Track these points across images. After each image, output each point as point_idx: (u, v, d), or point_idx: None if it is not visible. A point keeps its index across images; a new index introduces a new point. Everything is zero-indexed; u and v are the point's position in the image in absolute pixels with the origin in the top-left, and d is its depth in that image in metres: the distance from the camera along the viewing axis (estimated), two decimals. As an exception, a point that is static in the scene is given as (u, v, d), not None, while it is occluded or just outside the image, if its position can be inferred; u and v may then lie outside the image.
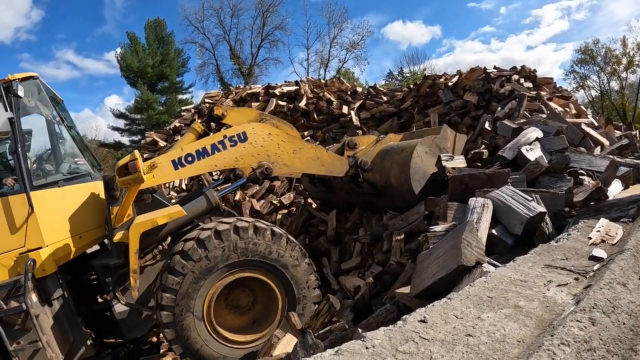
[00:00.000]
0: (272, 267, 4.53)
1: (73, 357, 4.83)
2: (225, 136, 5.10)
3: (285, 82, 13.22)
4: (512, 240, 3.65)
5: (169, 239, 4.95)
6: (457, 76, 10.82)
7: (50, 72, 77.37)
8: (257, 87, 12.87)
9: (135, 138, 39.49)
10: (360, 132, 11.11)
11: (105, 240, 5.67)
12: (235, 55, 44.92)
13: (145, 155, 10.46)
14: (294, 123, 11.66)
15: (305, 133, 11.55)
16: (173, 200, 6.19)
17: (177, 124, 11.68)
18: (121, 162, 4.52)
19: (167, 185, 9.23)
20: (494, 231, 3.66)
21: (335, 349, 1.84)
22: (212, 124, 6.00)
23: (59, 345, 4.58)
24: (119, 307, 4.72)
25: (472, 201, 3.87)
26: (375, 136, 6.57)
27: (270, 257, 4.49)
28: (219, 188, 6.31)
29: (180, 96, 41.87)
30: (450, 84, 10.44)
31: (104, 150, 43.93)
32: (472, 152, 6.41)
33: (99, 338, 5.19)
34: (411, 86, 12.18)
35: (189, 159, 4.93)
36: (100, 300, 5.27)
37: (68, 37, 73.28)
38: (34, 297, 4.43)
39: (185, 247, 4.32)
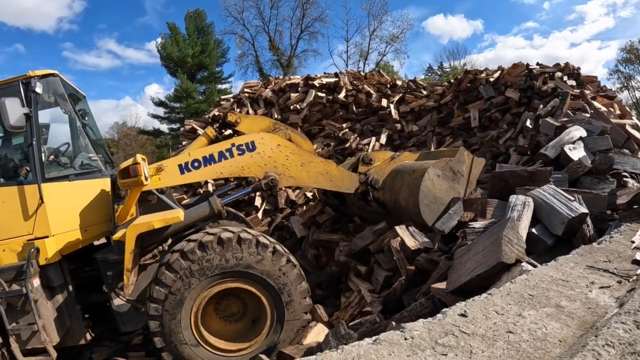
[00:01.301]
0: (257, 278, 4.42)
1: (68, 343, 5.02)
2: (233, 144, 5.09)
3: (325, 73, 13.13)
4: (552, 241, 3.57)
5: (170, 240, 5.04)
6: (499, 72, 10.60)
7: (92, 60, 79.71)
8: (297, 78, 12.82)
9: (174, 126, 40.17)
10: (398, 125, 11.00)
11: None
12: (274, 47, 45.01)
13: (184, 143, 10.71)
14: (332, 115, 11.67)
15: (344, 125, 11.51)
16: (185, 201, 6.30)
17: (216, 113, 11.77)
18: (123, 165, 4.61)
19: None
20: (533, 230, 3.59)
21: (373, 338, 1.85)
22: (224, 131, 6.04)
23: (56, 330, 4.77)
24: (118, 301, 4.77)
25: (512, 198, 3.80)
26: (391, 153, 6.36)
27: (254, 267, 4.39)
28: (229, 192, 6.36)
29: (219, 86, 42.28)
30: (491, 79, 10.23)
31: (143, 137, 44.97)
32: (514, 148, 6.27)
33: (96, 328, 5.37)
34: (452, 81, 11.99)
35: (196, 164, 5.00)
36: (101, 292, 5.40)
37: (109, 27, 75.08)
38: (35, 283, 4.63)
39: (170, 259, 4.34)
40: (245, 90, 12.58)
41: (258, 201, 9.42)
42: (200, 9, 41.97)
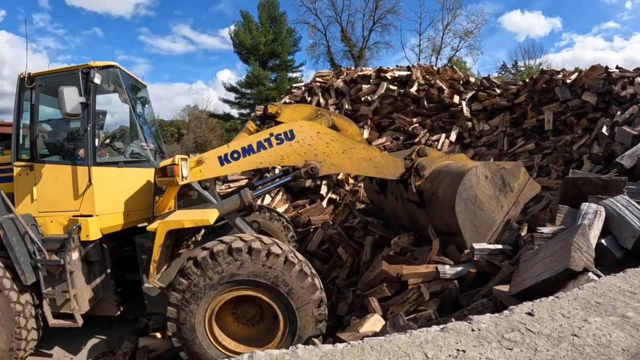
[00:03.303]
0: (269, 287, 4.40)
1: (99, 312, 5.55)
2: (271, 134, 5.10)
3: (397, 66, 13.07)
4: (621, 254, 3.49)
5: (203, 231, 5.21)
6: (576, 73, 10.22)
7: (167, 45, 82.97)
8: (369, 70, 12.82)
9: (244, 111, 41.28)
10: (469, 123, 10.83)
11: None
12: (346, 37, 45.02)
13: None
14: (403, 108, 11.62)
15: (414, 120, 11.44)
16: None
17: (287, 100, 12.03)
18: (163, 164, 4.91)
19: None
20: (603, 241, 3.54)
21: (441, 326, 1.98)
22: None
23: (87, 300, 5.27)
24: (148, 283, 4.99)
25: (584, 206, 3.76)
26: (448, 155, 6.10)
27: (265, 277, 4.37)
28: (270, 183, 6.46)
29: (290, 74, 42.97)
30: (568, 81, 9.89)
31: (213, 121, 46.51)
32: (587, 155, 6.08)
33: (125, 303, 5.85)
34: (527, 80, 11.65)
35: (235, 155, 5.09)
36: (135, 271, 5.74)
37: (185, 13, 77.94)
38: (74, 256, 5.10)
39: (185, 266, 4.49)
40: (317, 79, 12.75)
41: (324, 189, 9.59)
42: (274, -2, 42.66)
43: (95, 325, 6.08)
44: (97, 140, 5.36)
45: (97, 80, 5.23)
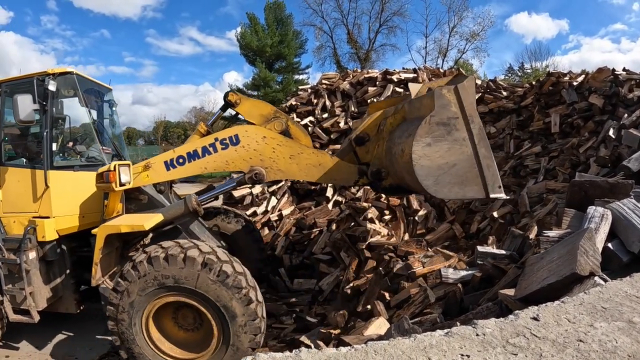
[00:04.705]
0: (199, 295, 4.46)
1: (60, 309, 5.76)
2: (216, 139, 5.09)
3: (404, 68, 13.05)
4: (627, 258, 3.46)
5: (150, 234, 5.27)
6: (583, 76, 10.15)
7: (174, 47, 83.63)
8: (375, 72, 12.75)
9: (250, 113, 41.48)
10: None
11: None
12: (352, 40, 45.18)
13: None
14: (409, 111, 11.56)
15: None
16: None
17: (293, 102, 12.02)
18: (100, 170, 5.03)
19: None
20: (609, 245, 3.51)
21: (446, 330, 1.97)
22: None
23: (45, 297, 5.48)
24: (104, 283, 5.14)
25: (591, 210, 3.73)
26: (379, 115, 5.27)
27: (190, 283, 4.43)
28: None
29: (296, 76, 43.27)
30: (575, 83, 9.82)
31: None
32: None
33: (86, 301, 6.01)
34: (533, 83, 11.58)
35: (180, 160, 5.14)
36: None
37: (192, 15, 78.60)
38: (31, 255, 5.34)
39: (125, 269, 4.63)
40: (323, 81, 12.74)
41: (330, 192, 9.57)
42: (280, 0, 42.86)
43: (100, 325, 6.13)
44: (55, 145, 5.64)
45: (51, 87, 5.42)
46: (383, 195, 8.15)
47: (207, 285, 4.40)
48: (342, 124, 10.90)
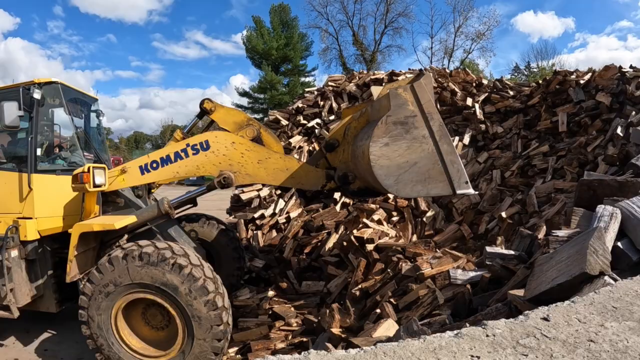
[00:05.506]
0: (164, 292, 4.65)
1: (41, 308, 5.94)
2: (188, 144, 5.30)
3: (409, 69, 13.01)
4: (637, 257, 3.43)
5: (126, 235, 5.51)
6: (590, 74, 10.11)
7: (180, 51, 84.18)
8: (381, 73, 12.77)
9: (257, 116, 41.67)
10: (483, 126, 10.74)
11: None
12: (358, 41, 45.33)
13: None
14: (415, 111, 11.54)
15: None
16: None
17: (300, 105, 12.06)
18: (76, 171, 5.26)
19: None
20: (619, 244, 3.49)
21: (455, 331, 1.96)
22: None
23: (25, 295, 5.67)
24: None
25: (600, 209, 3.71)
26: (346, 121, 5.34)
27: (158, 282, 4.63)
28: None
29: (302, 79, 43.56)
30: (582, 81, 9.78)
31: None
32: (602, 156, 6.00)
33: (67, 301, 6.14)
34: (540, 82, 11.53)
35: (154, 165, 5.36)
36: None
37: (198, 19, 79.07)
38: (13, 254, 5.55)
39: (101, 262, 4.82)
40: (330, 83, 12.77)
41: (337, 194, 9.56)
42: (285, 3, 43.40)
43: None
44: (39, 150, 5.92)
45: (36, 95, 5.71)
46: (391, 197, 8.15)
47: (175, 286, 4.59)
48: (348, 126, 10.88)
